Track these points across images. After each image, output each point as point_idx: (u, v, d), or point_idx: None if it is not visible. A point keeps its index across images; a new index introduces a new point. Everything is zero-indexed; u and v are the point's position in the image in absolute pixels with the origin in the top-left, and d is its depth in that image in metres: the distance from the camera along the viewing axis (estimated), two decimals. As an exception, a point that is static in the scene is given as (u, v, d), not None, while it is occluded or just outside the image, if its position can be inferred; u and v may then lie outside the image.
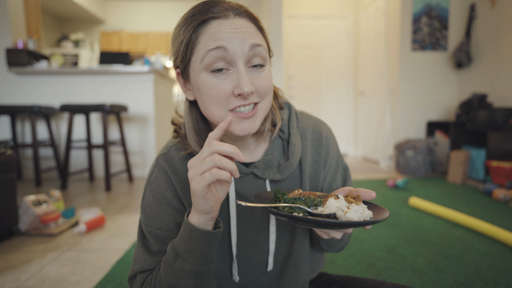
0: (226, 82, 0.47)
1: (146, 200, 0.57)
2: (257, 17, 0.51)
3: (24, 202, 1.65)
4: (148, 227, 0.55)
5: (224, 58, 0.46)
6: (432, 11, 3.45)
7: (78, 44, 5.87)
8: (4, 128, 3.05)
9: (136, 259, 0.56)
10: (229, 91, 0.47)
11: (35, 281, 1.19)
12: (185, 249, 0.47)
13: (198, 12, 0.48)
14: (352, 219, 0.41)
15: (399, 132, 3.57)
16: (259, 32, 0.50)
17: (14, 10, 3.08)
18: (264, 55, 0.49)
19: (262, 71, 0.50)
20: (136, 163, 3.23)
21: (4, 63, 3.01)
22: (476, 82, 3.25)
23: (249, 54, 0.47)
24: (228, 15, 0.48)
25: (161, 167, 0.57)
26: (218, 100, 0.48)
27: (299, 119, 0.63)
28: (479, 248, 1.42)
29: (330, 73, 4.70)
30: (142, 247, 0.56)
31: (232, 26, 0.47)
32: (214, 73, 0.47)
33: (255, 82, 0.48)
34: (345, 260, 1.33)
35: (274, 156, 0.58)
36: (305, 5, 4.53)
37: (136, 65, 3.37)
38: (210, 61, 0.47)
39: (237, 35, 0.47)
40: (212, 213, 0.45)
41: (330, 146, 0.63)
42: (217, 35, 0.46)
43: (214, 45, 0.46)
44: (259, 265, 0.61)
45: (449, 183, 2.83)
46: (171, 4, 6.32)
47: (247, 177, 0.58)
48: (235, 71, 0.47)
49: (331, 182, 0.64)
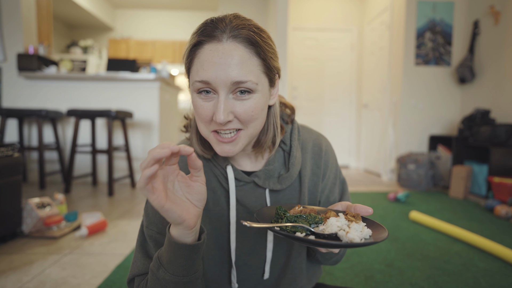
0: (208, 107, 0.49)
1: (149, 204, 0.58)
2: (258, 40, 0.49)
3: (29, 204, 1.67)
4: (149, 230, 0.57)
5: (209, 86, 0.48)
6: (436, 26, 3.50)
7: (87, 51, 5.99)
8: (11, 131, 3.10)
9: (135, 263, 0.57)
10: (210, 115, 0.50)
11: (36, 283, 1.20)
12: (167, 259, 0.47)
13: (199, 30, 0.49)
14: (354, 240, 0.43)
15: (401, 145, 3.58)
16: (255, 58, 0.49)
17: (27, 16, 3.18)
18: (250, 86, 0.48)
19: (248, 98, 0.49)
20: (139, 169, 3.25)
21: (15, 67, 3.09)
22: (479, 97, 3.26)
23: (232, 86, 0.48)
24: (221, 38, 0.47)
25: None
26: (202, 119, 0.51)
27: (300, 132, 0.65)
28: (478, 264, 1.42)
29: (334, 85, 4.75)
30: (142, 251, 0.57)
31: (221, 53, 0.47)
32: (200, 94, 0.50)
33: (235, 110, 0.49)
34: (343, 272, 1.33)
35: (275, 167, 0.60)
36: (311, 18, 4.61)
37: (142, 72, 3.44)
38: (197, 88, 0.49)
39: (222, 66, 0.46)
40: (183, 223, 0.43)
41: (329, 160, 0.65)
42: (204, 64, 0.47)
43: (200, 78, 0.48)
44: (256, 273, 0.62)
45: (451, 198, 2.82)
46: (178, 13, 6.46)
47: (248, 186, 0.60)
48: (217, 98, 0.49)
49: (328, 195, 0.65)
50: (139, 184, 0.39)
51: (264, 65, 0.50)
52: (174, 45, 6.25)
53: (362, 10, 4.64)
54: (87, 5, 5.37)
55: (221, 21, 0.48)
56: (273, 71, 0.53)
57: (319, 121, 4.73)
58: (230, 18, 0.49)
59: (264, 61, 0.50)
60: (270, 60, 0.51)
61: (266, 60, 0.51)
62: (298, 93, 4.69)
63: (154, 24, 6.47)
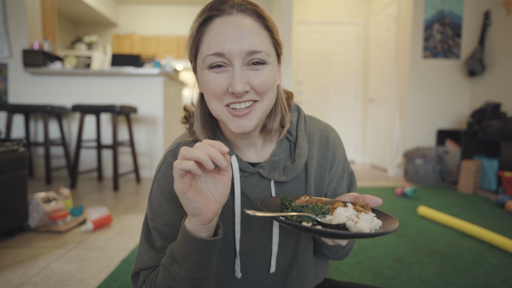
0: (223, 79, 0.49)
1: (153, 196, 0.57)
2: (264, 14, 0.50)
3: (35, 199, 1.68)
4: (154, 223, 0.56)
5: (223, 58, 0.48)
6: (445, 18, 3.42)
7: (92, 47, 6.00)
8: (18, 126, 3.12)
9: (140, 256, 0.56)
10: (225, 88, 0.49)
11: (42, 277, 1.20)
12: (181, 254, 0.46)
13: (205, 8, 0.50)
14: (363, 230, 0.40)
15: (408, 140, 3.52)
16: (264, 31, 0.50)
17: (32, 12, 3.18)
18: (264, 57, 0.49)
19: (261, 69, 0.49)
20: (144, 164, 3.26)
21: (20, 63, 3.09)
22: (489, 90, 3.19)
23: (247, 56, 0.48)
24: (231, 12, 0.48)
25: (169, 163, 0.58)
26: (215, 94, 0.49)
27: (307, 122, 0.63)
28: (490, 260, 1.38)
29: (339, 79, 4.69)
30: (147, 244, 0.56)
31: (233, 25, 0.47)
32: (213, 69, 0.49)
33: (251, 81, 0.49)
34: (351, 267, 1.31)
35: (281, 158, 0.59)
36: (316, 11, 4.54)
37: (146, 67, 3.43)
38: (210, 62, 0.49)
39: (235, 36, 0.47)
40: (200, 215, 0.43)
41: (337, 151, 0.63)
42: (217, 37, 0.47)
43: (213, 51, 0.48)
44: (262, 267, 0.61)
45: (459, 193, 2.77)
46: (182, 8, 6.42)
47: (252, 177, 0.58)
48: (232, 69, 0.48)
49: (336, 187, 0.63)
50: (180, 165, 0.40)
51: (272, 37, 0.51)
52: (178, 40, 6.23)
53: (368, 3, 4.56)
54: (91, 1, 5.36)
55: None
56: (280, 46, 0.54)
57: (325, 116, 4.68)
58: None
59: (272, 34, 0.51)
60: (276, 34, 0.52)
61: (273, 34, 0.51)
62: (303, 88, 4.64)
63: (158, 19, 6.44)
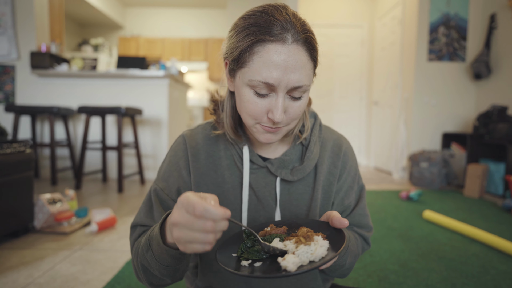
0: (264, 104, 0.50)
1: (163, 164, 0.64)
2: (316, 45, 0.51)
3: (40, 200, 1.69)
4: (155, 185, 0.62)
5: (270, 87, 0.49)
6: (450, 21, 3.40)
7: (98, 49, 6.05)
8: (24, 127, 3.15)
9: (139, 213, 0.62)
10: (264, 111, 0.51)
11: (46, 278, 1.21)
12: (156, 249, 0.48)
13: (260, 25, 0.47)
14: (287, 267, 0.38)
15: (413, 143, 3.50)
16: (311, 62, 0.50)
17: (40, 15, 3.22)
18: (305, 89, 0.50)
19: (299, 99, 0.51)
20: (149, 165, 3.27)
21: (28, 65, 3.13)
22: (496, 94, 3.16)
23: (292, 88, 0.49)
24: (286, 39, 0.47)
25: (182, 139, 0.63)
26: (251, 114, 0.51)
27: (323, 131, 0.66)
28: (498, 266, 1.36)
29: (343, 81, 4.67)
30: (147, 206, 0.61)
31: (286, 56, 0.47)
32: (256, 93, 0.50)
33: (288, 111, 0.51)
34: (356, 272, 1.30)
35: (291, 158, 0.61)
36: (320, 14, 4.54)
37: (152, 69, 3.44)
38: (255, 85, 0.49)
39: (287, 70, 0.47)
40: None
41: (347, 161, 0.64)
42: (270, 66, 0.47)
43: (264, 80, 0.47)
44: None
45: (465, 197, 2.74)
46: (187, 11, 6.46)
47: (261, 170, 0.60)
48: (274, 97, 0.49)
49: (343, 198, 0.64)
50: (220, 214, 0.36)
51: (315, 66, 0.53)
52: (183, 42, 6.26)
53: (373, 5, 4.55)
54: (98, 4, 5.42)
55: (283, 20, 0.47)
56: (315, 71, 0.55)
57: (329, 118, 4.67)
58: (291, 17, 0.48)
59: (315, 63, 0.52)
60: (317, 61, 0.53)
61: (316, 62, 0.53)
62: (307, 90, 4.63)
63: (163, 22, 6.48)
